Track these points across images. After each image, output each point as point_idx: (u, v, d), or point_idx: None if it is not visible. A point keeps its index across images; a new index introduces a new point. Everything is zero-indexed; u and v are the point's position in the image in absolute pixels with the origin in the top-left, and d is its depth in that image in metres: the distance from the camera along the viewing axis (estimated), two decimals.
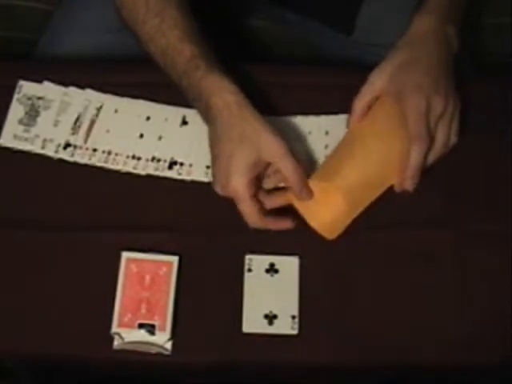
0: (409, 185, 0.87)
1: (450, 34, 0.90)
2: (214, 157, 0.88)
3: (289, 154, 0.84)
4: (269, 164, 0.87)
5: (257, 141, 0.84)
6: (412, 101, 0.86)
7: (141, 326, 0.85)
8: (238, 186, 0.85)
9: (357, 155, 0.88)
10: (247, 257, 0.89)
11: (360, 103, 0.89)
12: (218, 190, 0.88)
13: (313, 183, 0.87)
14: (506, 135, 0.95)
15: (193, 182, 0.94)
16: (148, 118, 0.97)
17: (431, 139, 0.86)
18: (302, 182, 0.85)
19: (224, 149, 0.86)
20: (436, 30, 0.89)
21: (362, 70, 0.93)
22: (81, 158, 0.94)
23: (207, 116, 0.88)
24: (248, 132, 0.85)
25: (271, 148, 0.84)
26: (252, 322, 0.86)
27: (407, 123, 0.86)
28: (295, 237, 0.90)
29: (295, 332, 0.86)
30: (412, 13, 0.90)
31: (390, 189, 0.89)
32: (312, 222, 0.88)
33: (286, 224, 0.88)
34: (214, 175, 0.88)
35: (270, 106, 0.97)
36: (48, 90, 0.98)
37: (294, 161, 0.84)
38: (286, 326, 0.86)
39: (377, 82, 0.89)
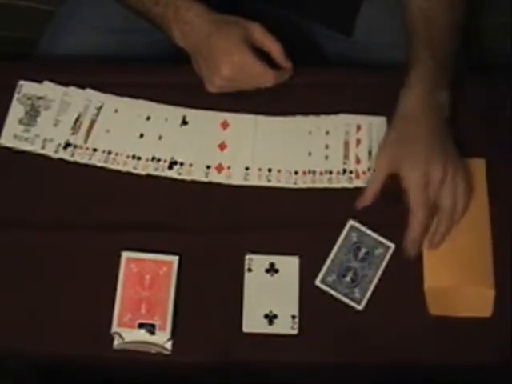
0: (410, 249, 0.87)
1: (440, 100, 0.91)
2: (204, 49, 0.92)
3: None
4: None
5: (240, 22, 0.94)
6: (411, 176, 0.86)
7: (141, 325, 0.85)
8: (243, 53, 0.91)
9: None
10: (247, 257, 0.89)
11: (375, 187, 0.88)
12: (218, 80, 0.92)
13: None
14: (506, 135, 0.95)
15: (193, 182, 0.94)
16: (148, 118, 0.97)
17: (434, 208, 0.87)
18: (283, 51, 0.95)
19: (214, 34, 0.92)
20: (424, 102, 0.89)
21: (361, 70, 0.93)
22: (81, 157, 0.94)
23: (176, 16, 0.93)
24: (229, 19, 0.94)
25: (254, 26, 0.94)
26: (252, 322, 0.86)
27: (408, 198, 0.86)
28: (295, 237, 0.90)
29: (295, 332, 0.86)
30: (398, 88, 0.91)
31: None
32: None
33: (289, 65, 0.95)
34: (208, 70, 0.92)
35: (270, 106, 0.97)
36: (48, 89, 0.98)
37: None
38: (286, 325, 0.86)
39: (383, 165, 0.89)
